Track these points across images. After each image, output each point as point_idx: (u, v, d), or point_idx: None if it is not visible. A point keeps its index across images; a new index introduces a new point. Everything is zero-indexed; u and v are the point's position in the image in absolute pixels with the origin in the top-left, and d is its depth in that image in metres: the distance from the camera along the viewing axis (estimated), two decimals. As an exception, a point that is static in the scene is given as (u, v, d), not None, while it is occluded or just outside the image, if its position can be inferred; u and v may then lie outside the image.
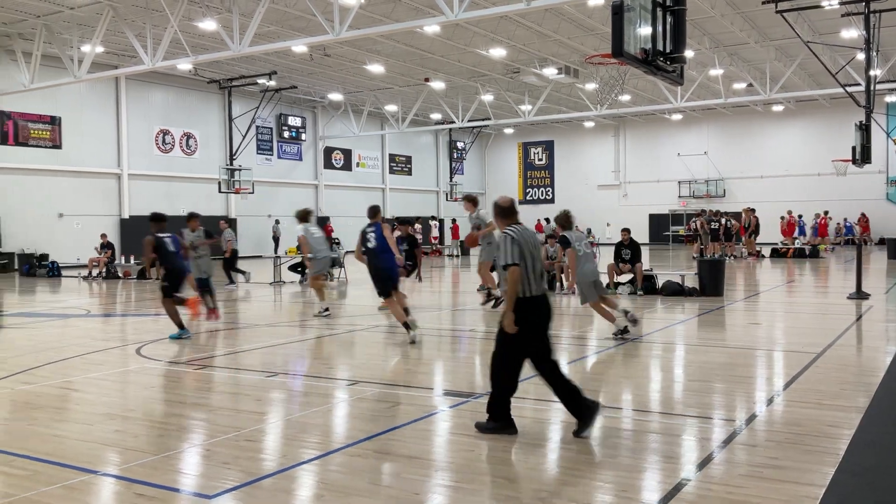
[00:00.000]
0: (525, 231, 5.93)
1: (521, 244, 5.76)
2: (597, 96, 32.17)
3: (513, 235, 5.80)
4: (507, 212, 6.03)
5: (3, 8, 22.64)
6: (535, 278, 5.78)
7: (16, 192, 27.51)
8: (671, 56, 9.92)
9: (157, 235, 11.03)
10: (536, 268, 5.84)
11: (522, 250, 5.75)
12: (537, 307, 5.79)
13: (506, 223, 6.00)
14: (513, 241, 5.76)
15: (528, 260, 5.76)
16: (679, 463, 5.21)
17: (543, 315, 5.84)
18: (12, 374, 8.44)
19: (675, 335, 11.31)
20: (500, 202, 6.08)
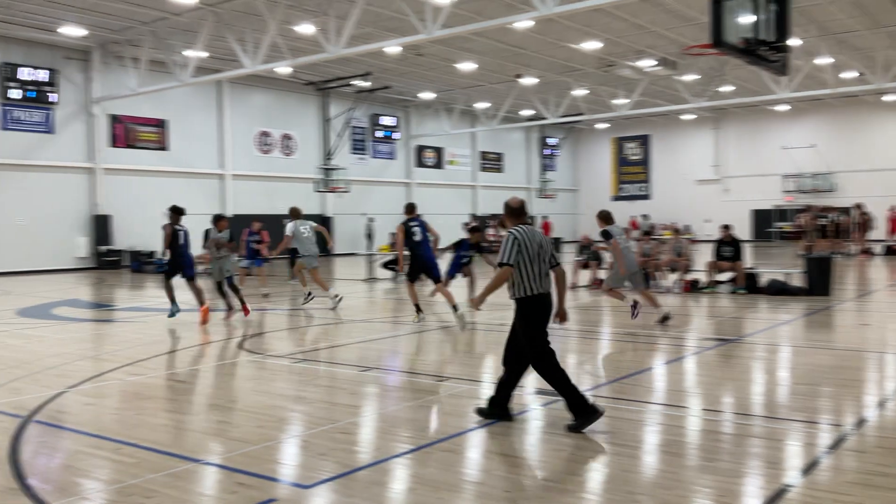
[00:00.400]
0: (531, 232, 6.05)
1: (521, 245, 5.93)
2: (696, 88, 31.28)
3: (515, 235, 5.97)
4: (517, 212, 6.20)
5: (112, 16, 23.84)
6: (538, 277, 5.96)
7: (126, 192, 28.95)
8: (775, 45, 9.55)
9: (174, 226, 12.09)
10: (541, 268, 5.99)
11: (523, 251, 5.92)
12: (541, 305, 5.98)
13: (513, 223, 6.15)
14: (514, 242, 5.94)
15: (530, 260, 5.94)
16: (782, 468, 5.00)
17: (545, 312, 6.03)
18: (122, 365, 8.87)
19: (779, 336, 10.87)
20: (511, 202, 6.27)
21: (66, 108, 27.26)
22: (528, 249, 5.95)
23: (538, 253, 5.99)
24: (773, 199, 44.71)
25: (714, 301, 14.91)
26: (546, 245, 6.10)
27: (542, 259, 6.03)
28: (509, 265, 5.90)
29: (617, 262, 11.66)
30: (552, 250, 6.15)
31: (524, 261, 5.93)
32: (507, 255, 5.92)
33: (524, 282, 5.94)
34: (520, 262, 5.93)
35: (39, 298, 17.42)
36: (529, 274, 5.94)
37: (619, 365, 8.76)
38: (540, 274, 5.98)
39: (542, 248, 6.04)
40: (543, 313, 6.01)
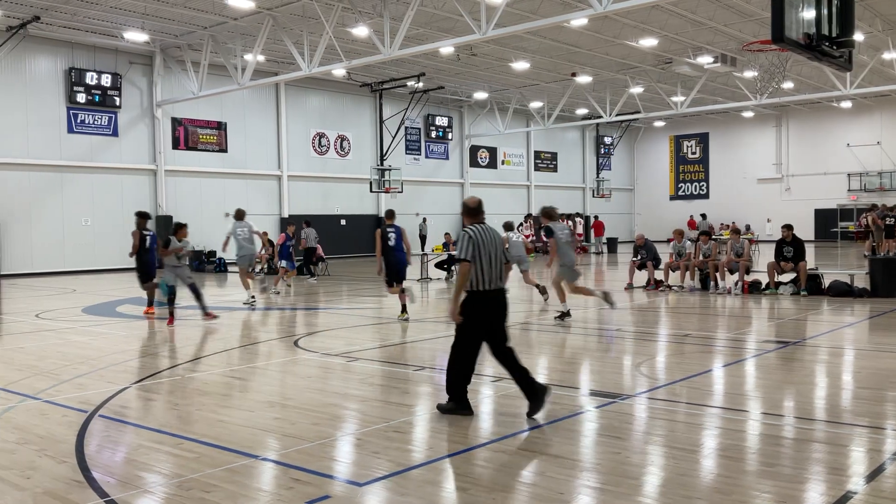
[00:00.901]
0: (486, 230, 6.37)
1: (477, 243, 6.23)
2: (756, 85, 30.58)
3: (470, 234, 6.28)
4: (473, 212, 6.52)
5: (174, 21, 24.45)
6: (492, 274, 6.27)
7: (187, 193, 29.66)
8: (838, 40, 9.29)
9: (142, 231, 12.51)
10: (492, 265, 6.28)
11: (478, 249, 6.21)
12: (490, 301, 6.28)
13: (470, 221, 6.48)
14: (469, 239, 6.24)
15: (485, 258, 6.23)
16: (845, 474, 4.86)
17: (495, 308, 6.33)
18: (183, 362, 9.09)
19: (842, 339, 10.55)
20: (468, 202, 6.59)
21: (130, 112, 28.05)
22: (483, 247, 6.25)
23: (492, 251, 6.29)
24: (837, 199, 43.47)
25: (775, 303, 14.56)
26: (499, 243, 6.43)
27: (496, 257, 6.32)
28: (467, 261, 6.20)
29: (554, 257, 12.21)
30: (505, 249, 6.39)
31: (478, 258, 6.23)
32: (464, 251, 6.22)
33: (476, 277, 6.25)
34: (474, 258, 6.22)
35: (104, 297, 17.96)
36: (482, 270, 6.24)
37: (676, 367, 8.62)
38: (492, 271, 6.28)
39: (495, 246, 6.35)
40: (488, 308, 6.30)
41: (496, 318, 6.37)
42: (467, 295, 6.29)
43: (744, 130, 47.11)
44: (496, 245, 6.36)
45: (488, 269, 6.26)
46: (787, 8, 8.64)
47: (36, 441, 5.80)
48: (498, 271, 6.33)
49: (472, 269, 6.21)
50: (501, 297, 6.39)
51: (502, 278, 6.41)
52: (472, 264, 6.21)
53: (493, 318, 6.35)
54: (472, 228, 6.35)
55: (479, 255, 6.23)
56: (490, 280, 6.27)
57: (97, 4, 22.37)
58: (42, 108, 25.83)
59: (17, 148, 25.28)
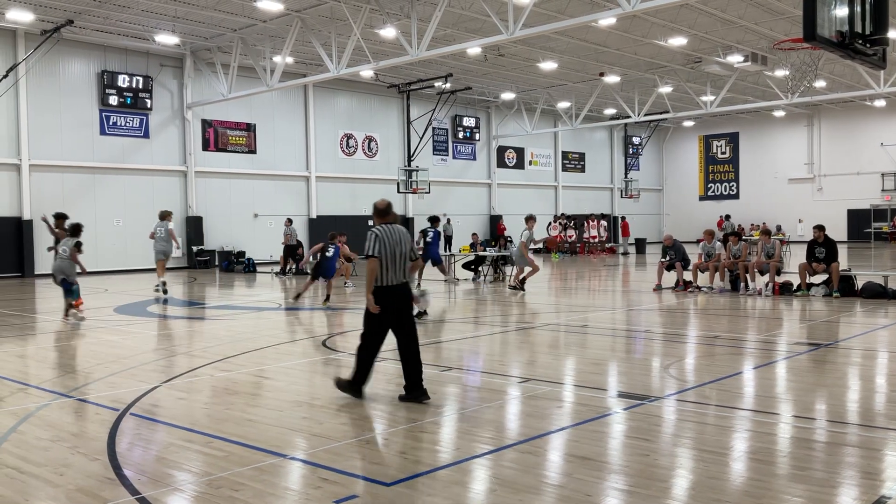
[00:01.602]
0: (393, 230, 6.97)
1: (382, 241, 6.84)
2: (787, 84, 30.16)
3: (377, 233, 6.89)
4: (382, 213, 7.13)
5: (204, 24, 24.72)
6: (395, 271, 6.87)
7: (216, 194, 29.96)
8: (871, 38, 9.15)
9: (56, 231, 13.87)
10: (396, 262, 6.88)
11: (383, 247, 6.81)
12: (393, 295, 6.87)
13: (378, 221, 7.08)
14: (376, 238, 6.86)
15: (389, 256, 6.83)
16: (879, 479, 4.77)
17: (399, 301, 6.92)
18: (212, 361, 9.18)
19: (876, 341, 10.38)
20: (377, 204, 7.20)
21: (161, 114, 28.41)
22: (387, 246, 6.85)
23: (396, 250, 6.88)
24: (871, 199, 42.78)
25: (806, 304, 14.36)
26: (405, 243, 6.99)
27: (400, 255, 6.91)
28: (374, 257, 6.80)
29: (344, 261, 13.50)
30: (412, 247, 7.15)
31: (383, 255, 6.82)
32: (371, 248, 6.84)
33: (381, 273, 6.85)
34: (380, 255, 6.82)
35: (135, 296, 18.20)
36: (387, 267, 6.84)
37: (706, 369, 8.54)
38: (395, 268, 6.88)
39: (401, 245, 6.94)
40: (392, 302, 6.88)
41: (401, 310, 6.95)
42: (376, 289, 6.87)
43: (775, 130, 46.53)
44: (402, 244, 6.95)
45: (392, 267, 6.87)
46: (820, 5, 8.52)
47: (69, 438, 5.89)
48: (402, 268, 6.95)
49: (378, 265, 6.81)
50: (405, 291, 7.00)
51: (406, 275, 7.05)
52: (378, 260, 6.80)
53: (399, 311, 6.94)
54: (380, 228, 6.96)
55: (384, 253, 6.82)
56: (394, 276, 6.87)
57: (129, 8, 22.69)
58: (75, 110, 26.26)
59: (51, 150, 25.72)
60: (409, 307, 7.07)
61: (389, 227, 7.01)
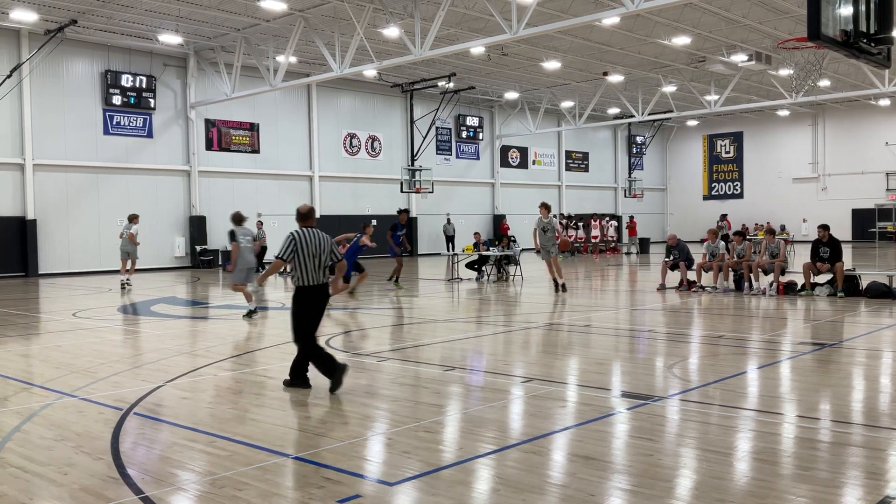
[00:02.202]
0: (312, 234, 7.38)
1: (298, 244, 7.29)
2: (791, 83, 30.11)
3: (294, 237, 7.34)
4: (304, 216, 7.55)
5: (207, 23, 24.74)
6: (312, 272, 7.31)
7: (219, 193, 29.99)
8: (876, 37, 9.12)
9: None
10: (315, 264, 7.33)
11: (299, 249, 7.28)
12: (311, 295, 7.36)
13: (300, 225, 7.49)
14: (291, 241, 7.32)
15: (306, 258, 7.28)
16: (884, 479, 4.76)
17: (316, 300, 7.41)
18: (216, 361, 9.19)
19: (881, 341, 10.35)
20: (300, 209, 7.61)
21: (164, 113, 28.44)
22: (305, 248, 7.29)
23: (315, 252, 7.31)
24: (875, 198, 42.70)
25: (811, 304, 14.34)
26: (325, 245, 7.43)
27: (319, 257, 7.35)
28: (282, 259, 7.35)
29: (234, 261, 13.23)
30: (333, 249, 7.53)
31: (301, 257, 7.27)
32: (283, 251, 7.34)
33: (300, 274, 7.30)
34: (297, 257, 7.29)
35: (139, 296, 18.22)
36: (305, 268, 7.29)
37: (709, 369, 8.52)
38: (315, 269, 7.33)
39: (320, 248, 7.38)
40: (312, 301, 7.36)
41: (318, 309, 7.48)
42: (295, 290, 7.41)
43: (779, 129, 46.46)
44: (321, 247, 7.39)
45: (311, 268, 7.32)
46: (824, 4, 8.50)
47: (73, 438, 5.90)
48: (320, 270, 7.39)
49: (293, 267, 7.33)
50: (322, 291, 7.46)
51: (325, 276, 7.48)
52: (294, 263, 7.31)
53: (317, 309, 7.47)
54: (298, 231, 7.39)
55: (302, 256, 7.29)
56: (312, 277, 7.34)
57: (132, 8, 22.72)
58: (79, 110, 26.30)
59: (55, 149, 25.76)
60: (323, 307, 7.56)
61: (309, 230, 7.42)
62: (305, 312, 7.40)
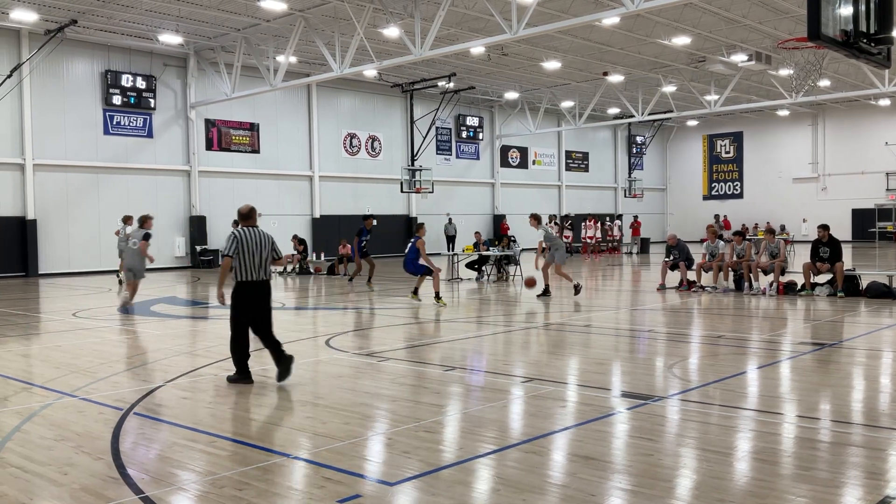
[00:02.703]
0: (252, 233, 7.85)
1: (240, 242, 7.72)
2: (791, 83, 30.11)
3: (237, 235, 7.78)
4: (245, 216, 8.04)
5: (207, 23, 24.74)
6: (253, 269, 7.75)
7: (220, 193, 29.99)
8: (876, 37, 9.12)
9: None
10: (255, 261, 7.76)
11: (241, 247, 7.71)
12: (251, 290, 7.78)
13: (243, 224, 7.96)
14: (235, 239, 7.75)
15: (247, 255, 7.73)
16: (884, 479, 4.76)
17: (257, 295, 7.82)
18: (216, 360, 9.19)
19: (881, 341, 10.35)
20: (241, 209, 8.10)
21: (164, 113, 28.44)
22: (246, 246, 7.72)
23: (255, 250, 7.76)
24: (875, 198, 42.71)
25: (811, 304, 14.34)
26: (266, 243, 7.90)
27: (260, 254, 7.80)
28: (229, 256, 7.72)
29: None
30: (273, 247, 8.02)
31: (242, 255, 7.70)
32: (228, 249, 7.74)
33: (241, 271, 7.74)
34: (238, 255, 7.69)
35: (139, 296, 18.19)
36: (245, 265, 7.72)
37: (709, 369, 8.53)
38: (255, 266, 7.77)
39: (260, 246, 7.83)
40: (251, 296, 7.79)
41: (258, 303, 7.84)
42: (235, 285, 7.77)
43: (779, 129, 46.46)
44: (261, 245, 7.84)
45: (251, 265, 7.73)
46: (824, 4, 8.50)
47: (73, 438, 5.90)
48: (261, 267, 7.81)
49: (235, 263, 7.71)
50: (263, 287, 7.88)
51: (267, 272, 7.90)
52: (235, 260, 7.69)
53: (256, 304, 7.82)
54: (240, 231, 7.83)
55: (243, 253, 7.70)
56: (252, 273, 7.75)
57: (132, 8, 22.72)
58: (79, 110, 26.30)
59: (55, 149, 25.76)
60: (266, 301, 7.94)
61: (250, 229, 7.89)
62: (243, 307, 7.80)
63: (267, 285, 7.94)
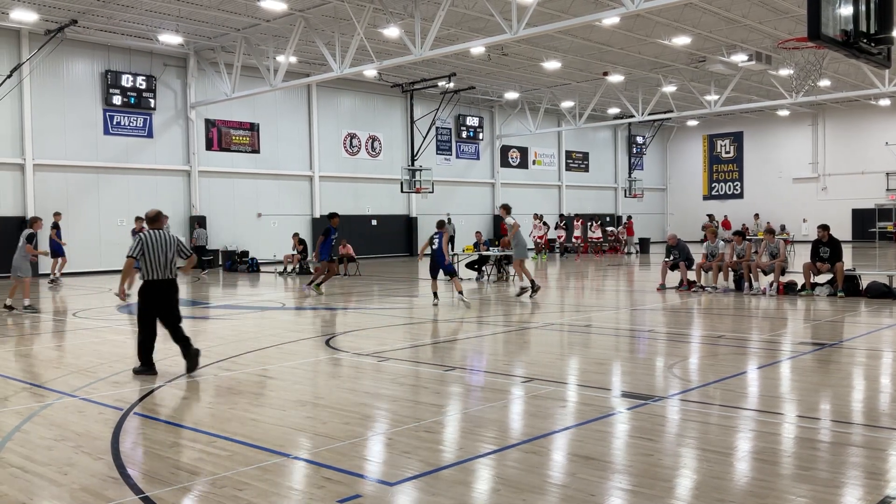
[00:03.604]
0: (157, 235, 8.40)
1: (144, 244, 8.29)
2: (791, 83, 30.11)
3: (142, 238, 8.35)
4: (151, 220, 8.61)
5: (207, 23, 24.74)
6: (158, 269, 8.32)
7: (220, 193, 29.98)
8: (876, 37, 9.12)
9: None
10: (160, 261, 8.31)
11: (146, 248, 8.28)
12: (156, 288, 8.34)
13: (149, 227, 8.52)
14: (139, 241, 8.33)
15: (152, 255, 8.28)
16: (884, 479, 4.76)
17: (163, 293, 8.37)
18: (216, 361, 9.19)
19: (881, 341, 10.35)
20: (147, 213, 8.68)
21: (164, 113, 28.43)
22: (152, 248, 8.29)
23: (160, 251, 8.31)
24: (875, 198, 42.70)
25: (811, 304, 14.34)
26: (172, 244, 8.44)
27: (166, 254, 8.33)
28: (132, 258, 8.35)
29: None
30: (180, 247, 8.58)
31: (147, 256, 8.27)
32: (133, 250, 8.33)
33: (147, 271, 8.30)
34: (143, 256, 8.27)
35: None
36: (151, 265, 8.29)
37: (710, 369, 8.53)
38: (161, 266, 8.32)
39: (166, 247, 8.37)
40: (157, 294, 8.34)
41: (164, 301, 8.37)
42: (142, 283, 8.33)
43: (779, 129, 46.45)
44: (166, 246, 8.37)
45: (156, 265, 8.29)
46: (824, 4, 8.50)
47: (73, 438, 5.90)
48: (167, 267, 8.35)
49: (141, 264, 8.30)
50: (169, 285, 8.42)
51: (172, 272, 8.43)
52: (141, 261, 8.28)
53: (162, 301, 8.36)
54: (145, 233, 8.40)
55: (149, 254, 8.26)
56: (158, 273, 8.31)
57: (133, 8, 22.71)
58: (79, 110, 26.29)
59: (55, 149, 25.75)
60: (172, 299, 8.44)
61: (156, 232, 8.45)
62: (150, 303, 8.36)
63: (173, 283, 8.48)
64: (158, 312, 8.37)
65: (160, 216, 8.65)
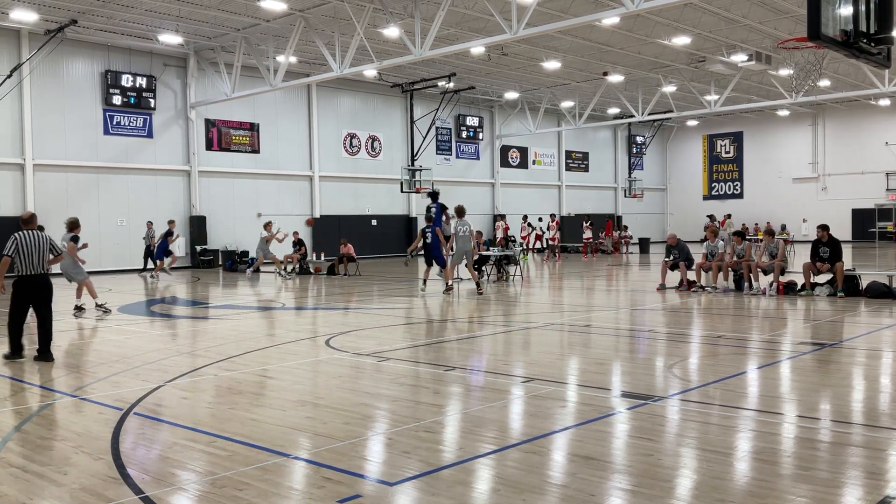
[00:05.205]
0: (30, 235, 9.33)
1: (18, 243, 9.24)
2: (791, 83, 30.12)
3: (16, 237, 9.27)
4: (26, 221, 9.53)
5: (207, 23, 24.74)
6: (31, 265, 9.27)
7: (220, 193, 29.98)
8: (876, 37, 9.12)
9: None
10: (33, 259, 9.28)
11: (20, 247, 9.23)
12: (30, 282, 9.30)
13: (23, 227, 9.40)
14: (13, 241, 9.26)
15: (26, 254, 9.24)
16: (884, 479, 4.76)
17: (35, 287, 9.33)
18: (216, 361, 9.19)
19: (881, 341, 10.35)
20: (22, 215, 9.60)
21: (164, 113, 28.44)
22: (25, 247, 9.24)
23: (33, 250, 9.26)
24: (875, 198, 42.71)
25: (811, 304, 14.34)
26: (43, 244, 9.42)
27: (39, 253, 9.30)
28: (8, 256, 9.25)
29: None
30: (52, 246, 9.55)
31: (21, 254, 9.21)
32: (7, 249, 9.23)
33: (21, 267, 9.24)
34: (17, 254, 9.20)
35: (139, 296, 18.21)
36: (25, 262, 9.23)
37: (709, 369, 8.53)
38: (34, 263, 9.27)
39: (39, 246, 9.35)
40: (29, 288, 9.30)
41: (37, 293, 9.33)
42: (17, 278, 9.25)
43: (779, 129, 46.45)
44: (39, 245, 9.34)
45: (29, 262, 9.23)
46: (824, 4, 8.50)
47: (72, 438, 5.90)
48: (39, 264, 9.29)
49: (16, 261, 9.16)
50: (41, 280, 9.37)
51: (45, 268, 9.39)
52: (16, 258, 9.14)
53: (34, 294, 9.32)
54: (19, 233, 9.29)
55: (22, 252, 9.19)
56: (30, 269, 9.25)
57: (133, 8, 22.71)
58: (79, 110, 26.29)
59: (55, 149, 25.75)
60: (44, 292, 9.35)
61: (30, 232, 9.37)
62: (23, 296, 9.30)
63: (46, 278, 9.45)
64: (31, 303, 9.34)
65: (33, 218, 9.60)
